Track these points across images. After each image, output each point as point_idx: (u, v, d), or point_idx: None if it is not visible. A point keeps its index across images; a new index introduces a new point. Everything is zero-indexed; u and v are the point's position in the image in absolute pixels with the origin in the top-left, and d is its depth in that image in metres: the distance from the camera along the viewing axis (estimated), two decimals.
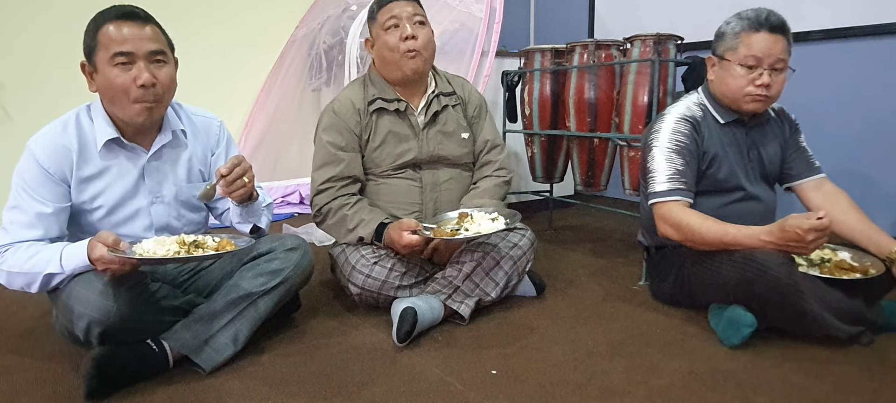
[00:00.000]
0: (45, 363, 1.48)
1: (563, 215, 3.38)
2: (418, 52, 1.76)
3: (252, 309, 1.47)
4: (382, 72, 1.86)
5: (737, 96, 1.67)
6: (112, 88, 1.35)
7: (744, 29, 1.63)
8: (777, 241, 1.47)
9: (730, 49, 1.66)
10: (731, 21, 1.67)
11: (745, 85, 1.64)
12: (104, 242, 1.25)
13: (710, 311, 1.67)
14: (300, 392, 1.32)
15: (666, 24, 3.21)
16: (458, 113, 1.92)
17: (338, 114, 1.81)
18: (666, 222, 1.67)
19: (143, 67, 1.34)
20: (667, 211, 1.67)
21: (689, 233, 1.61)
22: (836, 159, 2.49)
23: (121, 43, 1.33)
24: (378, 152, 1.83)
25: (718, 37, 1.71)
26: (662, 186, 1.68)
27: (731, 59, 1.65)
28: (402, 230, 1.65)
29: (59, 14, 3.12)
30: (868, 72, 2.60)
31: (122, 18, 1.34)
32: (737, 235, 1.55)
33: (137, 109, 1.37)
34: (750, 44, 1.62)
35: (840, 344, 1.51)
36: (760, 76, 1.62)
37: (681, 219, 1.63)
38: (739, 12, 1.66)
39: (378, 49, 1.82)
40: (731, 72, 1.66)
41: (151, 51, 1.36)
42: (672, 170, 1.68)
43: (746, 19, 1.64)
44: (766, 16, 1.62)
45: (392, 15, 1.76)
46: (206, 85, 3.14)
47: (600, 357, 1.49)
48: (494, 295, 1.75)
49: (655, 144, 1.72)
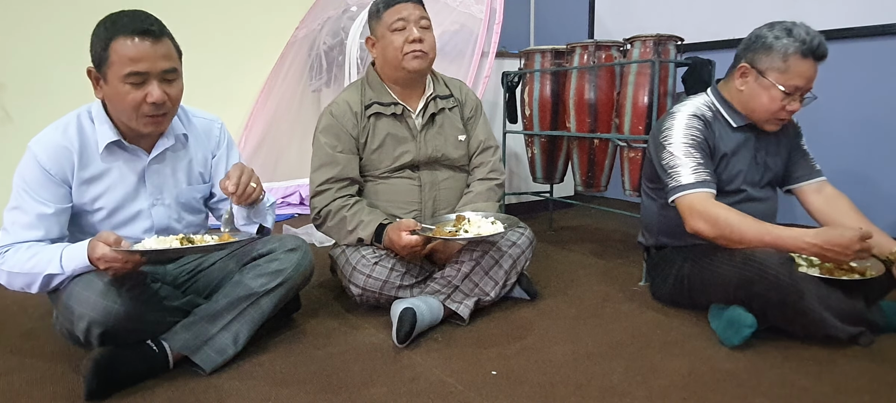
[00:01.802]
0: (46, 363, 1.48)
1: (563, 216, 3.38)
2: (424, 53, 1.77)
3: (252, 310, 1.47)
4: (383, 72, 1.86)
5: (763, 116, 1.65)
6: (122, 103, 1.34)
7: (795, 52, 1.55)
8: (822, 244, 1.46)
9: (775, 69, 1.58)
10: (781, 36, 1.57)
11: (777, 109, 1.61)
12: (106, 241, 1.25)
13: (711, 312, 1.67)
14: (300, 393, 1.33)
15: (666, 25, 3.21)
16: (456, 115, 1.93)
17: (335, 116, 1.82)
18: (699, 216, 1.59)
19: (155, 86, 1.33)
20: (698, 204, 1.59)
21: (728, 230, 1.55)
22: (836, 160, 2.49)
23: (135, 62, 1.30)
24: (376, 154, 1.83)
25: (762, 48, 1.60)
26: (689, 178, 1.63)
27: (773, 81, 1.59)
28: (401, 230, 1.65)
29: (60, 14, 3.13)
30: (868, 73, 2.60)
31: (136, 34, 1.30)
32: (781, 234, 1.52)
33: (145, 123, 1.37)
34: (799, 71, 1.56)
35: (840, 344, 1.51)
36: (793, 102, 1.60)
37: (718, 215, 1.57)
38: (788, 27, 1.57)
39: (381, 48, 1.82)
40: (769, 93, 1.60)
41: (165, 69, 1.34)
42: (695, 163, 1.64)
43: (799, 42, 1.55)
44: (819, 43, 1.55)
45: (400, 16, 1.76)
46: (206, 85, 3.12)
47: (600, 358, 1.49)
48: (494, 294, 1.75)
49: (670, 141, 1.69)
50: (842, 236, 1.45)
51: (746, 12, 2.96)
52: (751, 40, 1.65)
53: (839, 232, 1.46)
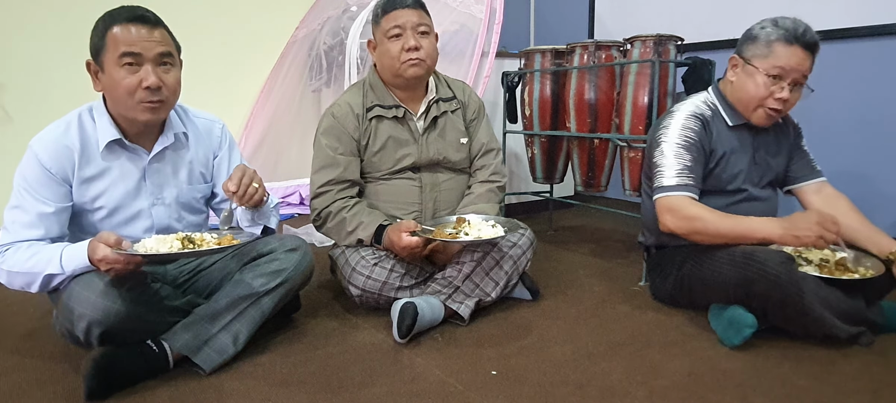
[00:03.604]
0: (46, 363, 1.48)
1: (563, 216, 3.38)
2: (421, 61, 1.76)
3: (252, 310, 1.47)
4: (383, 76, 1.86)
5: (751, 105, 1.66)
6: (117, 89, 1.35)
7: (778, 38, 1.58)
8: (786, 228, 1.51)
9: (758, 55, 1.62)
10: (767, 26, 1.62)
11: (765, 96, 1.62)
12: (106, 242, 1.25)
13: (711, 311, 1.67)
14: (300, 393, 1.33)
15: (666, 25, 3.22)
16: (458, 117, 1.93)
17: (337, 118, 1.82)
18: (674, 215, 1.64)
19: (150, 70, 1.34)
20: (675, 204, 1.64)
21: (700, 224, 1.60)
22: (836, 160, 2.49)
23: (129, 44, 1.33)
24: (378, 157, 1.83)
25: (748, 38, 1.66)
26: (671, 181, 1.66)
27: (757, 66, 1.62)
28: (401, 231, 1.65)
29: (60, 14, 3.13)
30: (868, 73, 2.60)
31: (131, 20, 1.34)
32: (752, 225, 1.57)
33: (141, 109, 1.37)
34: (780, 55, 1.58)
35: (840, 344, 1.51)
36: (781, 89, 1.61)
37: (691, 212, 1.62)
38: (776, 19, 1.61)
39: (379, 54, 1.81)
40: (754, 79, 1.63)
41: (159, 53, 1.36)
42: (681, 166, 1.66)
43: (783, 29, 1.58)
44: (804, 31, 1.57)
45: (396, 24, 1.74)
46: (206, 85, 3.14)
47: (600, 358, 1.49)
48: (494, 295, 1.75)
49: (664, 139, 1.71)
50: (803, 217, 1.52)
51: (746, 12, 2.96)
52: (743, 35, 1.69)
53: (802, 214, 1.54)
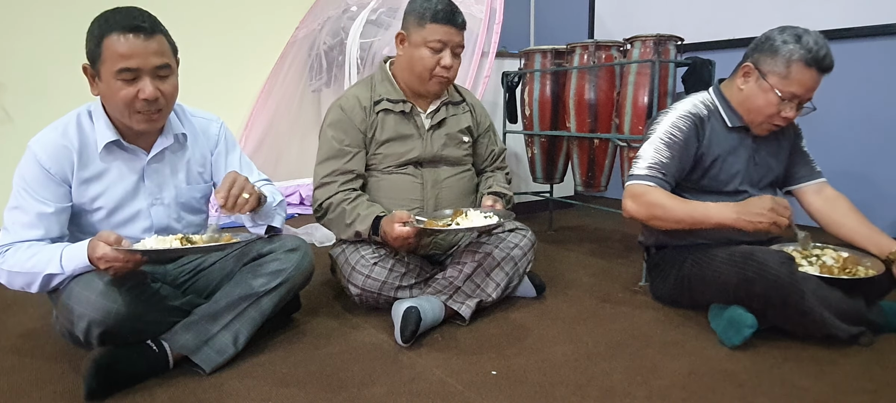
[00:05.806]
0: (46, 363, 1.48)
1: (563, 216, 3.38)
2: (449, 80, 1.80)
3: (253, 310, 1.47)
4: (399, 73, 1.85)
5: (757, 118, 1.66)
6: (115, 98, 1.34)
7: (800, 59, 1.54)
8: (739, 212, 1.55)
9: (776, 73, 1.58)
10: (789, 42, 1.56)
11: (773, 113, 1.62)
12: (106, 241, 1.25)
13: (711, 311, 1.67)
14: (300, 393, 1.33)
15: (666, 25, 3.22)
16: (466, 116, 1.95)
17: (344, 110, 1.81)
18: (635, 201, 1.68)
19: (148, 82, 1.33)
20: (638, 191, 1.68)
21: (659, 210, 1.64)
22: (836, 160, 2.49)
23: (126, 58, 1.30)
24: (383, 150, 1.83)
25: (768, 50, 1.60)
26: (641, 170, 1.69)
27: (773, 85, 1.59)
28: (394, 222, 1.64)
29: (60, 14, 3.12)
30: (868, 73, 2.60)
31: (128, 31, 1.30)
32: (708, 210, 1.61)
33: (138, 120, 1.37)
34: (800, 79, 1.56)
35: (840, 344, 1.51)
36: (790, 109, 1.60)
37: (651, 199, 1.65)
38: (799, 34, 1.56)
39: (410, 55, 1.78)
40: (767, 96, 1.61)
41: (157, 66, 1.34)
42: (656, 160, 1.68)
43: (805, 49, 1.54)
44: (824, 55, 1.54)
45: (441, 39, 1.74)
46: (206, 85, 3.14)
47: (600, 358, 1.49)
48: (495, 295, 1.75)
49: (651, 132, 1.74)
50: (757, 202, 1.54)
51: (746, 12, 2.96)
52: (760, 41, 1.64)
53: (757, 199, 1.57)
